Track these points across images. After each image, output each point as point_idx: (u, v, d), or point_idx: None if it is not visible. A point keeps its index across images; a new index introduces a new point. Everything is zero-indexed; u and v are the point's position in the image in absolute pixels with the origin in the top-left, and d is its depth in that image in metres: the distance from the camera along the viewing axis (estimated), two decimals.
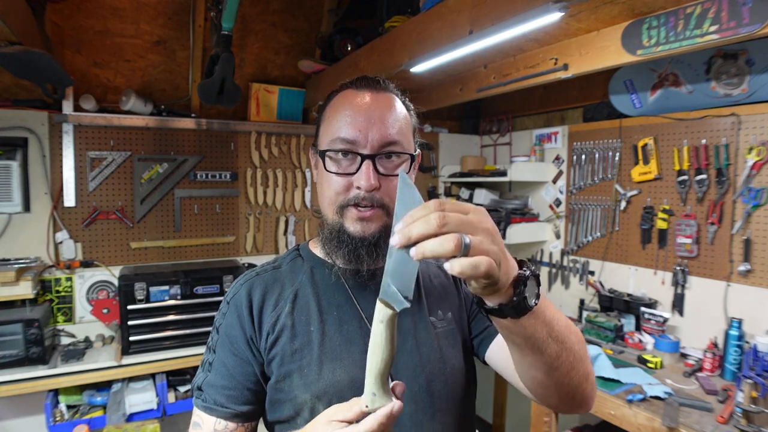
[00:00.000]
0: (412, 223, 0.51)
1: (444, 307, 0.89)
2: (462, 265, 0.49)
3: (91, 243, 2.50)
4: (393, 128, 0.78)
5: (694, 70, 2.13)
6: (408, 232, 0.50)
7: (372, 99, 0.79)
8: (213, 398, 0.80)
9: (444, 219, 0.49)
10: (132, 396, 2.24)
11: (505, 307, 0.57)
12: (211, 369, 0.83)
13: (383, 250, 0.78)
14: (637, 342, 2.23)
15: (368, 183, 0.75)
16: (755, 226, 1.97)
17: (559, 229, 2.90)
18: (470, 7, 1.56)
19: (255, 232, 2.89)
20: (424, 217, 0.50)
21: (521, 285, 0.57)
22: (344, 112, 0.78)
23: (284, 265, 0.90)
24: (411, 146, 0.82)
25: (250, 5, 2.57)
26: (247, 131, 2.84)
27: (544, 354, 0.64)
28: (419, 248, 0.50)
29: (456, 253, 0.49)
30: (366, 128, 0.76)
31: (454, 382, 0.84)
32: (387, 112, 0.79)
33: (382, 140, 0.76)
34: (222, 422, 0.79)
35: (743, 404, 1.56)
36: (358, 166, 0.76)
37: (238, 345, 0.82)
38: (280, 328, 0.81)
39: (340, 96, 0.82)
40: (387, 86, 0.84)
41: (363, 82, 0.82)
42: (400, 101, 0.84)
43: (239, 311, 0.83)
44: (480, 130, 3.57)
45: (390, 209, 0.78)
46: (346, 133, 0.76)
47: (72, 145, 2.39)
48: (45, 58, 1.76)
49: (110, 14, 2.36)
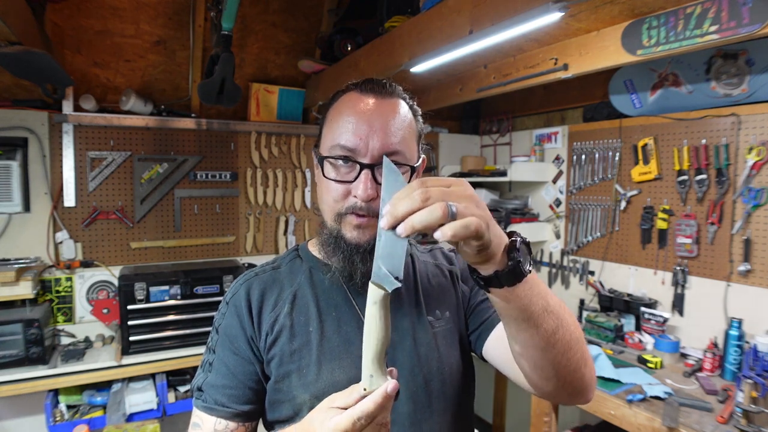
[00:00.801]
0: (397, 203, 0.53)
1: (442, 307, 0.89)
2: (453, 228, 0.51)
3: (91, 243, 2.50)
4: (395, 137, 0.76)
5: (694, 70, 2.13)
6: (394, 212, 0.52)
7: (376, 105, 0.77)
8: (214, 398, 0.80)
9: (427, 193, 0.52)
10: (132, 396, 2.24)
11: (501, 273, 0.58)
12: (211, 369, 0.82)
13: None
14: (637, 342, 2.23)
15: (365, 194, 0.74)
16: (755, 226, 1.97)
17: (559, 229, 2.90)
18: (470, 7, 1.56)
19: (255, 232, 2.89)
20: (408, 195, 0.52)
21: (514, 251, 0.58)
22: (347, 117, 0.77)
23: (283, 265, 0.90)
24: (413, 156, 0.81)
25: (250, 5, 2.57)
26: (247, 131, 2.84)
27: (540, 328, 0.63)
28: (407, 223, 0.52)
29: (444, 219, 0.51)
30: (367, 136, 0.75)
31: (452, 382, 0.84)
32: (390, 120, 0.77)
33: (382, 150, 0.74)
34: (222, 422, 0.79)
35: (743, 404, 1.56)
36: (357, 174, 0.75)
37: (239, 344, 0.82)
38: (279, 329, 0.81)
39: (344, 98, 0.81)
40: (393, 90, 0.81)
41: (369, 85, 0.80)
42: (407, 106, 0.82)
43: (238, 311, 0.83)
44: (480, 130, 3.57)
45: None
46: (346, 141, 0.75)
47: (72, 145, 2.39)
48: (45, 58, 1.76)
49: (110, 14, 2.36)
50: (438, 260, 0.96)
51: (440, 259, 0.96)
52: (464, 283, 0.93)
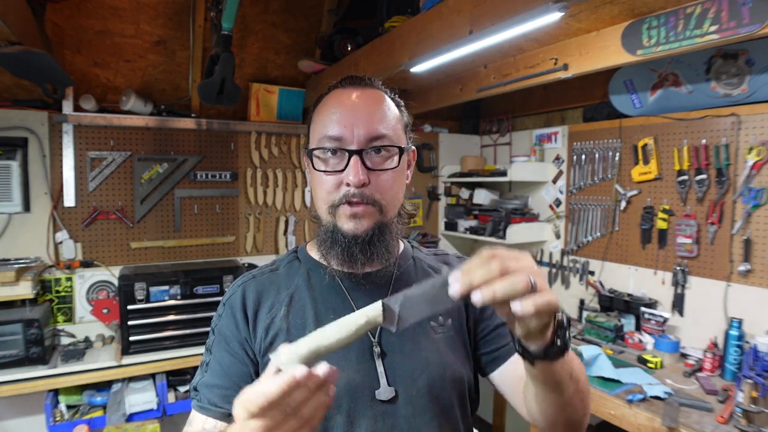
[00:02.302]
0: (473, 270, 0.52)
1: (444, 314, 0.88)
2: (536, 303, 0.51)
3: (91, 243, 2.50)
4: (380, 123, 0.77)
5: (694, 70, 2.13)
6: (469, 280, 0.52)
7: (358, 96, 0.79)
8: (207, 398, 0.79)
9: (503, 263, 0.52)
10: (132, 396, 2.24)
11: (550, 350, 0.59)
12: (207, 369, 0.82)
13: (377, 248, 0.78)
14: (637, 342, 2.23)
15: (357, 178, 0.74)
16: (755, 226, 1.97)
17: (559, 229, 2.90)
18: (470, 7, 1.56)
19: (255, 232, 2.89)
20: (483, 265, 0.52)
21: (563, 329, 0.60)
22: (331, 110, 0.79)
23: (281, 267, 0.90)
24: (401, 140, 0.82)
25: (250, 5, 2.57)
26: (247, 131, 2.84)
27: (564, 393, 0.67)
28: (488, 291, 0.51)
29: (527, 291, 0.51)
30: (352, 124, 0.76)
31: (453, 388, 0.83)
32: (373, 107, 0.78)
33: (368, 135, 0.76)
34: (211, 421, 0.78)
35: (743, 404, 1.56)
36: (347, 162, 0.76)
37: (233, 345, 0.82)
38: (275, 332, 0.81)
39: (328, 97, 0.83)
40: (373, 83, 0.84)
41: (349, 80, 0.82)
42: (389, 98, 0.84)
43: (234, 312, 0.83)
44: (480, 130, 3.57)
45: (381, 206, 0.78)
46: (332, 131, 0.76)
47: (72, 145, 2.39)
48: (45, 58, 1.76)
49: (110, 14, 2.36)
50: (441, 267, 0.95)
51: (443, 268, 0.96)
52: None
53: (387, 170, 0.78)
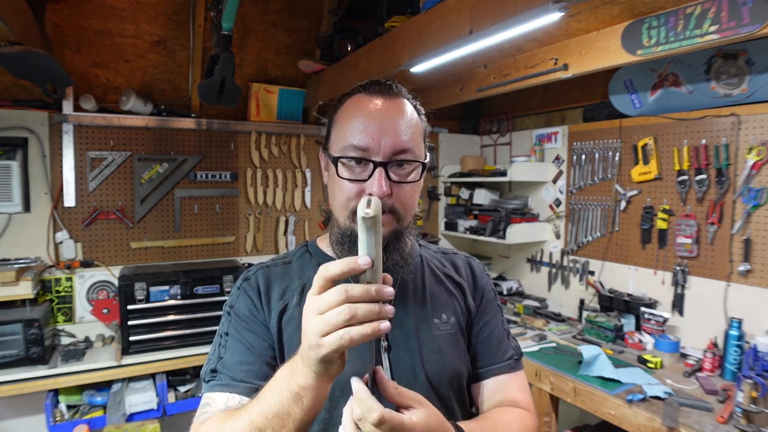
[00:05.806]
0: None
1: (448, 312, 0.90)
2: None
3: (91, 243, 2.50)
4: (405, 135, 0.78)
5: (694, 70, 2.13)
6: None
7: (384, 105, 0.80)
8: (230, 375, 0.79)
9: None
10: (132, 396, 2.24)
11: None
12: (225, 351, 0.82)
13: (392, 254, 0.80)
14: (637, 342, 2.23)
15: (380, 190, 0.75)
16: (755, 226, 1.97)
17: (559, 229, 2.90)
18: (470, 7, 1.56)
19: (255, 232, 2.89)
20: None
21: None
22: (357, 118, 0.79)
23: (294, 260, 0.92)
24: (422, 153, 0.83)
25: (250, 5, 2.57)
26: (247, 131, 2.84)
27: None
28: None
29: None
30: (379, 136, 0.77)
31: (451, 383, 0.85)
32: (399, 119, 0.79)
33: (394, 148, 0.77)
34: (236, 397, 0.77)
35: (743, 404, 1.56)
36: (371, 173, 0.77)
37: (252, 323, 0.83)
38: (288, 319, 0.83)
39: (352, 100, 0.83)
40: (399, 91, 0.84)
41: (375, 87, 0.82)
42: (412, 106, 0.84)
43: (250, 294, 0.86)
44: (480, 130, 3.57)
45: (400, 215, 0.80)
46: (359, 141, 0.77)
47: (72, 145, 2.39)
48: (45, 58, 1.76)
49: (110, 14, 2.36)
50: (446, 267, 0.97)
51: (448, 267, 0.97)
52: (473, 300, 0.94)
53: (409, 182, 0.80)
